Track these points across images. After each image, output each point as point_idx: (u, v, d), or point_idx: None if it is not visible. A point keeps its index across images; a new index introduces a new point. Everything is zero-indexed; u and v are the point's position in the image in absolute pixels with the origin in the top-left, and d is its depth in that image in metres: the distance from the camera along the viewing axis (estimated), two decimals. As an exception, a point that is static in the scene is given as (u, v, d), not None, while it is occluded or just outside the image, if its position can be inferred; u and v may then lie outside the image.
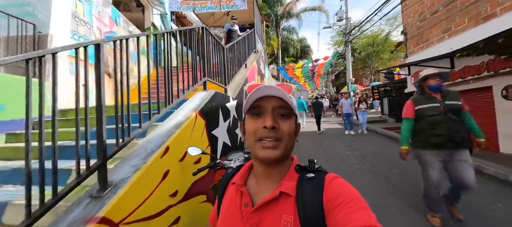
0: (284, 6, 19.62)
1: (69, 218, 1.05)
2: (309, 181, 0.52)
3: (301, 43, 27.14)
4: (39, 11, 3.18)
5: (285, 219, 0.48)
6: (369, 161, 4.48)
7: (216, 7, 7.03)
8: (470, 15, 5.42)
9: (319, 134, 8.18)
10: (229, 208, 0.57)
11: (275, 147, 0.50)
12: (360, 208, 0.43)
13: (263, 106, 0.52)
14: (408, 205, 2.58)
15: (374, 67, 19.05)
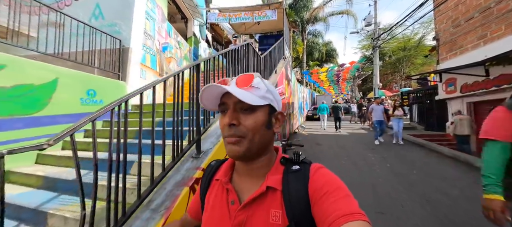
0: (310, 11, 19.85)
1: (186, 166, 1.77)
2: (294, 173, 0.51)
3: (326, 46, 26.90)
4: (123, 30, 4.18)
5: (273, 213, 0.48)
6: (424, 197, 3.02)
7: (249, 18, 7.79)
8: (507, 22, 5.32)
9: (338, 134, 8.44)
10: (214, 205, 0.56)
11: (236, 143, 0.49)
12: (343, 196, 0.44)
13: (226, 103, 0.52)
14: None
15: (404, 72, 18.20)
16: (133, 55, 4.21)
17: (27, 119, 2.61)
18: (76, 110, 3.16)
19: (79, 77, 3.25)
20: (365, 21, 12.54)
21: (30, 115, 2.64)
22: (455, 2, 6.86)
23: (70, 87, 3.08)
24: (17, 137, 2.51)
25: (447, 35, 7.32)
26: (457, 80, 6.89)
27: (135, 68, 4.30)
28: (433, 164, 4.76)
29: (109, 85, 3.73)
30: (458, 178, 3.82)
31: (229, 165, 0.60)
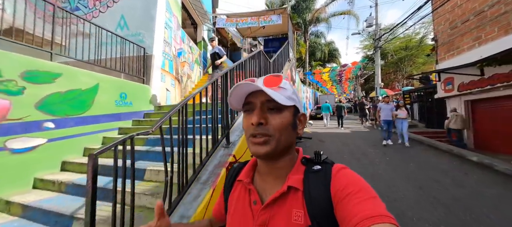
0: (312, 12, 20.22)
1: (220, 153, 2.24)
2: (315, 173, 0.51)
3: (328, 46, 27.23)
4: (146, 39, 4.66)
5: (295, 213, 0.47)
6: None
7: (255, 23, 8.23)
8: (500, 25, 5.67)
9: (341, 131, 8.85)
10: (237, 206, 0.57)
11: (264, 143, 0.49)
12: (368, 198, 0.42)
13: (253, 102, 0.52)
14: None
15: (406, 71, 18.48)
16: (155, 61, 4.69)
17: (76, 119, 3.09)
18: (112, 111, 3.64)
19: (114, 82, 3.73)
20: (367, 22, 12.89)
21: (79, 115, 3.12)
22: (452, 5, 7.21)
23: (107, 91, 3.56)
24: (71, 134, 2.99)
25: (445, 36, 7.67)
26: (454, 79, 7.24)
27: (156, 72, 4.78)
28: (430, 158, 5.14)
29: (136, 88, 4.21)
30: (451, 169, 4.20)
31: (251, 166, 0.61)
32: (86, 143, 3.18)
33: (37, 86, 2.64)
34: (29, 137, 2.55)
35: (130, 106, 4.04)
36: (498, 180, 3.53)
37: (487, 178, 3.67)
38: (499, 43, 5.49)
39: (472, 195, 2.99)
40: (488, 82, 6.07)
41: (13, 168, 2.40)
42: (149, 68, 4.60)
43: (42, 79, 2.69)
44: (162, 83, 4.93)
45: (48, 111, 2.74)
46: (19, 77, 2.47)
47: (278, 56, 5.87)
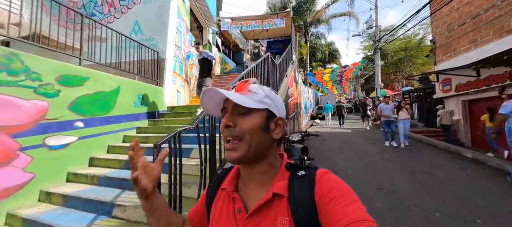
0: (313, 13, 20.50)
1: None
2: (300, 179, 0.51)
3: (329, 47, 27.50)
4: (159, 43, 4.93)
5: (280, 221, 0.47)
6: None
7: (259, 26, 8.51)
8: (495, 28, 5.94)
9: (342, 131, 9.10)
10: (221, 215, 0.56)
11: (234, 147, 0.51)
12: (351, 202, 0.43)
13: (225, 107, 0.54)
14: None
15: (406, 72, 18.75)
16: (167, 64, 4.96)
17: (101, 118, 3.36)
18: (131, 111, 3.91)
19: (132, 84, 4.00)
20: (367, 24, 13.16)
21: (103, 115, 3.39)
22: (449, 9, 7.48)
23: (127, 93, 3.83)
24: (97, 132, 3.26)
25: (443, 38, 7.94)
26: (452, 80, 7.50)
27: (169, 75, 5.05)
28: (427, 154, 5.40)
29: (151, 90, 4.48)
30: (447, 165, 4.47)
31: (235, 174, 0.60)
32: (109, 141, 3.45)
33: (70, 89, 2.91)
34: (63, 135, 2.82)
35: (146, 107, 4.30)
36: (490, 174, 3.79)
37: (481, 172, 3.93)
38: (494, 45, 5.75)
39: (465, 188, 3.25)
40: (484, 83, 6.33)
41: (50, 163, 2.67)
42: (162, 71, 4.87)
43: (73, 83, 2.96)
44: (173, 85, 5.20)
45: (78, 111, 3.01)
46: (55, 81, 2.74)
47: (283, 59, 6.14)
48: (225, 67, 11.16)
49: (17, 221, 2.18)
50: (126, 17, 5.19)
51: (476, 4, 6.50)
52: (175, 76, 5.35)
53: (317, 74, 18.20)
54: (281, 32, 10.25)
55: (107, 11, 5.34)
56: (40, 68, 2.59)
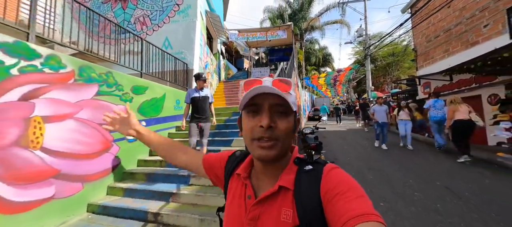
0: (308, 21, 21.83)
1: None
2: (307, 173, 0.52)
3: (322, 52, 28.98)
4: (187, 56, 5.86)
5: (285, 212, 0.49)
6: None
7: (263, 37, 9.55)
8: (462, 41, 7.21)
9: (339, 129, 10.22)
10: (234, 198, 0.59)
11: (271, 147, 0.50)
12: (357, 197, 0.43)
13: (260, 104, 0.51)
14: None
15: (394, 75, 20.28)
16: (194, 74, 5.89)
17: (155, 119, 4.25)
18: (172, 113, 4.82)
19: (172, 91, 4.91)
20: (357, 33, 14.47)
21: (156, 116, 4.29)
22: (427, 23, 8.76)
23: (169, 98, 4.74)
24: (153, 130, 4.15)
25: (423, 48, 9.22)
26: (431, 83, 8.75)
27: (194, 83, 5.97)
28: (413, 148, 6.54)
29: (183, 95, 5.38)
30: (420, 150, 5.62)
31: (249, 161, 0.62)
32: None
33: (138, 96, 3.81)
34: (135, 131, 3.71)
35: (181, 110, 5.21)
36: (443, 153, 4.90)
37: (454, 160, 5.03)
38: (461, 55, 7.00)
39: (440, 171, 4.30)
40: (455, 86, 7.56)
41: (129, 152, 3.56)
42: (190, 79, 5.80)
43: (140, 91, 3.87)
44: (199, 91, 6.13)
45: (142, 113, 3.91)
46: (130, 90, 3.64)
47: (289, 67, 7.18)
48: (229, 73, 12.13)
49: (118, 191, 3.07)
50: (158, 34, 6.10)
51: (448, 20, 7.78)
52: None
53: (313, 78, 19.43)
54: (282, 41, 11.32)
55: (139, 28, 6.23)
56: (122, 81, 3.49)
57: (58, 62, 2.55)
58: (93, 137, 2.94)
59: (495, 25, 6.13)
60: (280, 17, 21.80)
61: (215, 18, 8.14)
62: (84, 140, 2.81)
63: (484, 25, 6.46)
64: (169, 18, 6.07)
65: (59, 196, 2.48)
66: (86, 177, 2.82)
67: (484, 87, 6.56)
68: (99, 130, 3.02)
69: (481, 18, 6.55)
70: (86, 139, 2.83)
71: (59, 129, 2.52)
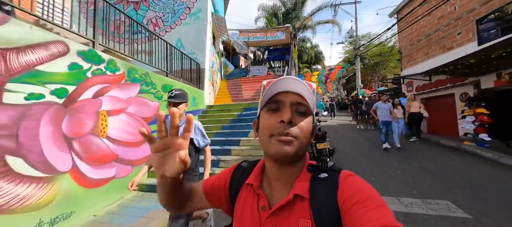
0: (301, 20, 22.60)
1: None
2: (322, 181, 0.50)
3: (314, 50, 29.97)
4: (199, 57, 6.38)
5: (303, 223, 0.46)
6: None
7: (263, 37, 10.16)
8: (440, 46, 8.21)
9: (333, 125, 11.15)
10: (245, 208, 0.56)
11: (290, 142, 0.47)
12: (376, 207, 0.41)
13: (281, 101, 0.50)
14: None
15: (381, 74, 21.60)
16: (206, 73, 6.44)
17: (178, 114, 4.80)
18: (189, 109, 5.36)
19: (190, 89, 5.45)
20: (348, 34, 15.40)
21: (178, 111, 4.84)
22: (411, 28, 9.73)
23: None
24: (177, 123, 4.71)
25: (407, 50, 10.23)
26: (413, 82, 9.78)
27: (206, 81, 6.52)
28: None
29: (198, 93, 5.94)
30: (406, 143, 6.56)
31: (260, 169, 0.59)
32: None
33: (165, 93, 4.34)
34: (164, 124, 4.26)
35: (196, 106, 5.77)
36: (438, 149, 5.81)
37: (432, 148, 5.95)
38: (439, 58, 7.99)
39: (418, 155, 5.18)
40: (434, 85, 8.59)
41: (160, 142, 4.11)
42: (202, 78, 6.35)
43: (167, 89, 4.39)
44: (207, 89, 6.68)
45: (169, 108, 4.45)
46: (160, 88, 4.18)
47: (289, 67, 7.86)
48: (227, 70, 12.64)
49: (158, 174, 3.64)
50: (170, 35, 6.54)
51: (428, 26, 8.76)
52: (208, 82, 6.82)
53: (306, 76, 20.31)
54: (280, 41, 11.99)
55: (152, 29, 6.63)
56: (155, 80, 4.02)
57: (115, 65, 3.07)
58: (137, 128, 3.47)
59: (467, 33, 7.13)
60: (274, 15, 22.37)
61: (220, 19, 8.63)
62: (132, 131, 3.36)
63: (458, 33, 7.45)
64: (181, 20, 6.53)
65: (118, 176, 3.04)
66: (134, 161, 3.37)
67: (457, 86, 7.60)
68: (141, 123, 3.56)
69: (456, 26, 7.54)
70: (133, 130, 3.38)
71: (116, 121, 3.06)
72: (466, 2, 7.06)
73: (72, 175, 2.41)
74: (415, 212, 2.54)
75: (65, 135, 2.37)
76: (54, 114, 2.26)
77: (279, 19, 21.97)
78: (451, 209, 2.56)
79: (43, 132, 2.14)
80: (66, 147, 2.37)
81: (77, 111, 2.51)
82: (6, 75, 1.90)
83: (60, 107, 2.32)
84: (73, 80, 2.48)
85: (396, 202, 2.80)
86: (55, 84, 2.28)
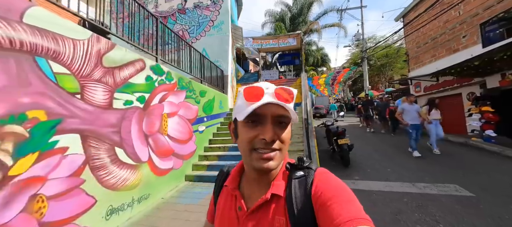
0: (307, 24, 23.21)
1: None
2: (298, 179, 0.51)
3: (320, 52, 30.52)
4: (223, 64, 7.04)
5: (278, 220, 0.48)
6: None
7: (275, 44, 10.78)
8: (446, 48, 8.64)
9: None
10: (224, 211, 0.58)
11: (272, 158, 0.49)
12: (347, 201, 0.43)
13: (261, 114, 0.48)
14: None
15: (388, 74, 21.90)
16: (228, 79, 7.08)
17: (210, 116, 5.42)
18: (217, 112, 5.99)
19: (218, 94, 6.08)
20: (355, 37, 15.89)
21: (210, 114, 5.46)
22: (417, 31, 10.19)
23: (216, 100, 5.91)
24: (209, 124, 5.33)
25: (414, 52, 10.66)
26: (421, 83, 10.19)
27: (229, 86, 7.16)
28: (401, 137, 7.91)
29: (223, 97, 6.57)
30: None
31: (237, 171, 0.61)
32: (212, 130, 5.53)
33: (202, 98, 4.98)
34: (202, 125, 4.89)
35: (222, 109, 6.40)
36: (447, 144, 6.24)
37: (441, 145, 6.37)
38: (446, 60, 8.42)
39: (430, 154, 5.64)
40: (441, 86, 9.00)
41: (200, 141, 4.72)
42: (226, 84, 6.99)
43: (203, 95, 5.03)
44: (230, 93, 7.31)
45: (204, 111, 5.08)
46: (198, 94, 4.81)
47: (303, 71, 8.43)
48: (238, 75, 13.28)
49: (201, 167, 4.24)
50: (196, 45, 7.15)
51: (434, 30, 9.21)
52: (230, 87, 7.46)
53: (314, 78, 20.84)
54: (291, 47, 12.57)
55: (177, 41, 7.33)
56: (195, 87, 4.66)
57: (170, 76, 3.72)
58: (185, 128, 4.11)
59: (472, 36, 7.57)
60: (281, 20, 23.10)
61: (237, 28, 9.30)
62: (181, 130, 3.98)
63: (463, 36, 7.89)
64: (205, 32, 7.22)
65: (175, 167, 3.66)
66: (184, 156, 3.99)
67: (464, 86, 8.01)
68: (187, 124, 4.19)
69: (461, 30, 7.98)
70: (182, 129, 4.00)
71: (172, 122, 3.70)
72: (470, 7, 7.51)
73: (149, 165, 3.04)
74: (427, 192, 3.06)
75: (144, 133, 3.00)
76: (138, 116, 2.90)
77: (286, 23, 22.68)
78: (458, 191, 3.06)
79: (133, 130, 2.78)
80: (145, 142, 3.00)
81: (150, 114, 3.15)
82: (114, 87, 2.54)
83: (141, 110, 2.97)
84: (148, 89, 3.13)
85: (411, 186, 3.31)
86: (138, 92, 2.93)
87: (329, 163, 4.68)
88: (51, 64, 1.88)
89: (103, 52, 2.41)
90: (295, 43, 10.54)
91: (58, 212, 1.87)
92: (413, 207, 2.70)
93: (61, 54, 1.96)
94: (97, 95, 2.30)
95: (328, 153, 5.28)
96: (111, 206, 2.40)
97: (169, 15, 7.47)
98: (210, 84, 5.99)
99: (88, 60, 2.22)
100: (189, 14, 7.39)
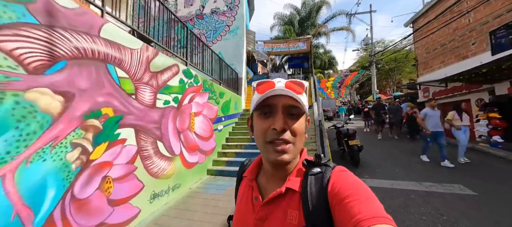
0: (316, 27, 23.45)
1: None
2: (315, 176, 0.52)
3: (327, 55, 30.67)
4: (237, 67, 7.42)
5: (291, 213, 0.49)
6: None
7: (286, 48, 11.11)
8: (455, 54, 8.77)
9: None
10: (242, 200, 0.62)
11: (286, 150, 0.50)
12: (366, 199, 0.43)
13: (273, 105, 0.51)
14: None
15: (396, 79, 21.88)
16: (243, 81, 7.45)
17: (227, 116, 5.80)
18: (233, 112, 6.36)
19: (233, 95, 6.46)
20: (364, 42, 16.05)
21: (227, 114, 5.83)
22: (427, 37, 10.33)
23: (232, 101, 6.29)
24: (226, 124, 5.70)
25: (423, 58, 10.79)
26: (430, 88, 10.31)
27: (242, 89, 7.54)
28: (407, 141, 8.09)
29: (237, 98, 6.95)
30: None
31: (256, 163, 0.63)
32: (228, 129, 5.90)
33: (220, 99, 5.36)
34: (220, 124, 5.26)
35: (237, 110, 6.77)
36: (454, 149, 6.42)
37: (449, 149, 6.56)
38: (455, 66, 8.56)
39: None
40: (450, 91, 9.12)
41: (219, 138, 5.10)
42: (240, 86, 7.36)
43: (222, 96, 5.42)
44: (243, 95, 7.69)
45: (222, 111, 5.46)
46: (218, 95, 5.20)
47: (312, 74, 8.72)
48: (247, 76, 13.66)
49: (221, 163, 4.61)
50: (212, 49, 7.63)
51: (444, 36, 9.35)
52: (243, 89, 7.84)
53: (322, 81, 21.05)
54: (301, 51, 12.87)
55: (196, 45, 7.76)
56: (215, 89, 5.04)
57: (197, 79, 4.11)
58: (207, 126, 4.49)
59: (481, 44, 7.70)
60: (290, 23, 23.41)
61: (250, 32, 9.72)
62: (204, 128, 4.36)
63: (472, 43, 8.03)
64: (221, 36, 7.62)
65: (199, 162, 4.04)
66: (206, 152, 4.37)
67: (473, 92, 8.13)
68: (209, 123, 4.57)
69: (470, 37, 8.11)
70: (205, 127, 4.38)
71: (198, 121, 4.08)
72: (480, 16, 7.65)
73: (180, 158, 3.42)
74: (433, 191, 3.32)
75: (177, 129, 3.39)
76: (173, 114, 3.29)
77: (294, 26, 22.98)
78: (463, 190, 3.32)
79: (169, 126, 3.17)
80: (178, 138, 3.39)
81: (182, 113, 3.53)
82: (157, 88, 2.94)
83: (175, 109, 3.35)
84: (180, 90, 3.52)
85: (418, 185, 3.58)
86: (174, 93, 3.32)
87: (339, 163, 4.92)
88: (117, 70, 2.28)
89: (150, 58, 2.81)
90: (305, 47, 10.84)
91: (119, 192, 2.26)
92: (420, 202, 2.98)
93: (123, 61, 2.36)
94: (146, 96, 2.70)
95: (339, 154, 5.56)
96: (154, 192, 2.79)
97: (188, 20, 7.91)
98: (227, 86, 6.38)
99: (140, 66, 2.61)
100: (206, 19, 7.82)
